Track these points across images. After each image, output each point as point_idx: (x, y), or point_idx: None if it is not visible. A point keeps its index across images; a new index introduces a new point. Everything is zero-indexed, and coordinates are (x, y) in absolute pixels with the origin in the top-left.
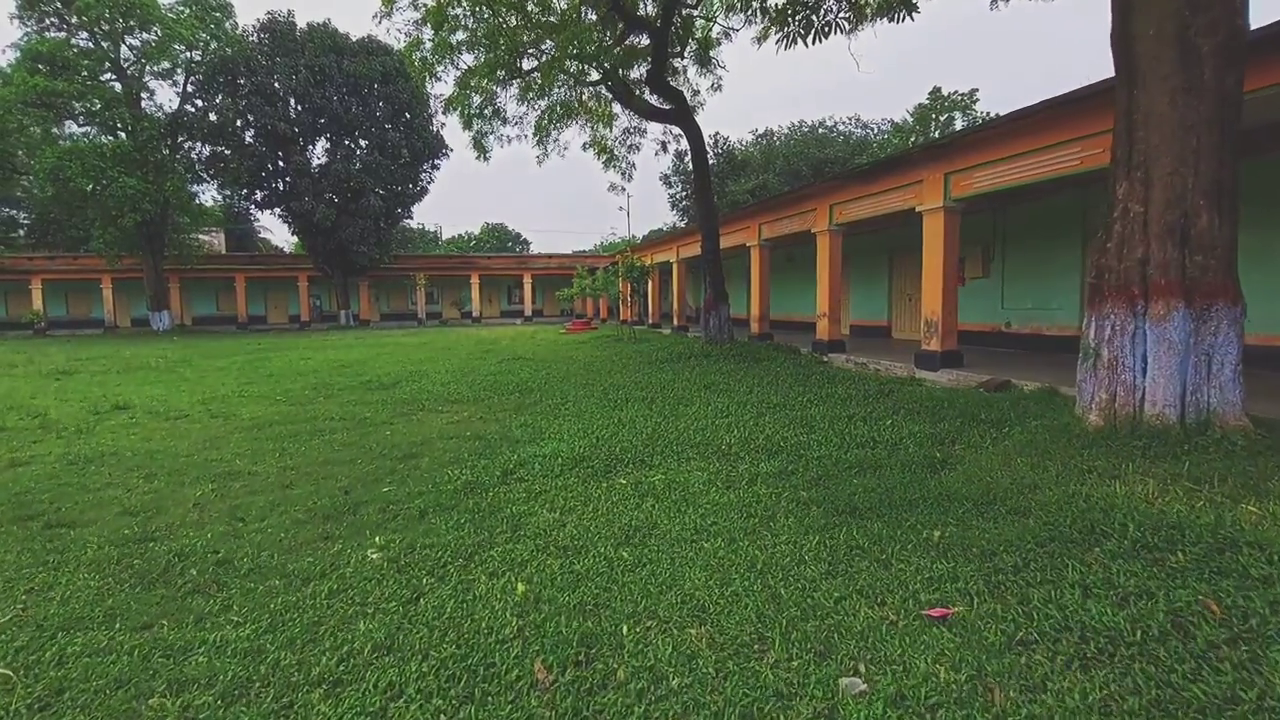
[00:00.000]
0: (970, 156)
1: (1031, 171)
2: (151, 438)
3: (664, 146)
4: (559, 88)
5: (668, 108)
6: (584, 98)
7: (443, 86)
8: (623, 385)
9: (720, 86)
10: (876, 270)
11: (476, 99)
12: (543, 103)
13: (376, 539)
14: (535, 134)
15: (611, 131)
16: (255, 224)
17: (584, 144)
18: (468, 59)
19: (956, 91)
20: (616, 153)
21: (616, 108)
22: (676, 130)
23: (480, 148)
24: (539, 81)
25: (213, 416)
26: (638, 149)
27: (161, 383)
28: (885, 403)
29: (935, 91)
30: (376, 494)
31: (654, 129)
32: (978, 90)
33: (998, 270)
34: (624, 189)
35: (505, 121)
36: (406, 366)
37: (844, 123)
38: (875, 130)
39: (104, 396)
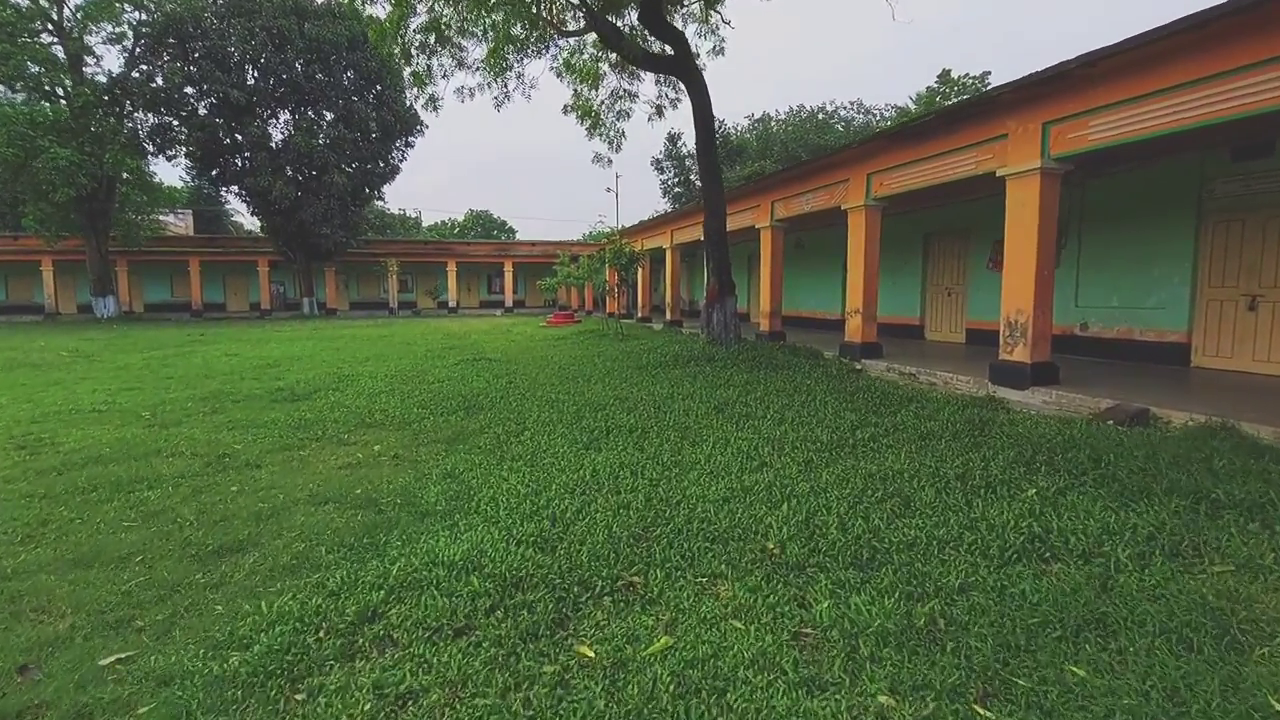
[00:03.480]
0: (1084, 97)
1: (1188, 113)
2: None
3: (659, 111)
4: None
5: (667, 54)
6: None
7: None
8: (604, 404)
9: (722, 50)
10: (907, 258)
11: (415, 22)
12: (497, 17)
13: None
14: (490, 63)
15: (598, 93)
16: (225, 206)
17: (565, 106)
18: None
19: (967, 74)
20: (603, 118)
21: (604, 67)
22: (673, 94)
23: (420, 83)
24: None
25: (18, 448)
26: (628, 115)
27: (18, 387)
28: (995, 449)
29: (944, 74)
30: (76, 679)
31: (647, 91)
32: (990, 73)
33: (1070, 258)
34: (610, 160)
35: (462, 65)
36: (344, 368)
37: (845, 108)
38: (878, 116)
39: None
